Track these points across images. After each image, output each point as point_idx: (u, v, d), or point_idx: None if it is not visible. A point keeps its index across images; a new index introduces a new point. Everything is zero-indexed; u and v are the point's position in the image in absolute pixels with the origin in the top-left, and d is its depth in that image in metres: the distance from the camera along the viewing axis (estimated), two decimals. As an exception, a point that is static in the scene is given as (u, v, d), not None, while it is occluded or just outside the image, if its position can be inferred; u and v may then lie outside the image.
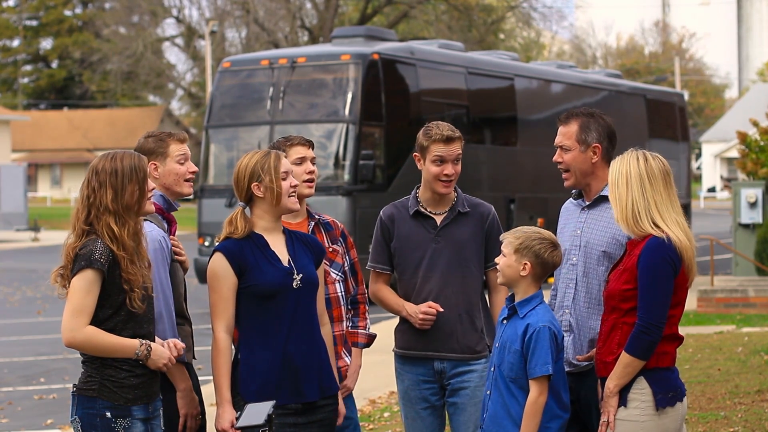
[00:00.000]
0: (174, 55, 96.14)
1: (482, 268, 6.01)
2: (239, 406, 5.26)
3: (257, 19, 49.23)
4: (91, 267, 4.88)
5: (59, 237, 5.17)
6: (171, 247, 5.50)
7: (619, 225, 5.29)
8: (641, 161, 5.24)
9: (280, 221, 5.46)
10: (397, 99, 21.24)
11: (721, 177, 75.57)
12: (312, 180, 5.99)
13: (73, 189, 65.65)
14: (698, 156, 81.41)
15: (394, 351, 6.13)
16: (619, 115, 23.41)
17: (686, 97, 44.65)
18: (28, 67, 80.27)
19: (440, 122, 6.06)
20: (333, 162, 20.19)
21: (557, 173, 5.82)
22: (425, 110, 21.23)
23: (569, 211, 5.84)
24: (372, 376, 11.41)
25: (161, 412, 5.19)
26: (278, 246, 5.38)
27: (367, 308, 6.31)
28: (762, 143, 21.52)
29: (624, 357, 5.12)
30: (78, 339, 4.90)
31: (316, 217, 6.07)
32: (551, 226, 5.79)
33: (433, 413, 6.04)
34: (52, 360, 14.53)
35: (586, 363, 5.54)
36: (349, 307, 6.19)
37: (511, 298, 5.45)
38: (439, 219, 6.00)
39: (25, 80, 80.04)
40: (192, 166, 5.78)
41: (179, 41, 61.11)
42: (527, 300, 5.37)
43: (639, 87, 31.82)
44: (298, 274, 5.33)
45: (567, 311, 5.65)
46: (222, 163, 21.40)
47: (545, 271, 5.40)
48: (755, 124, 22.21)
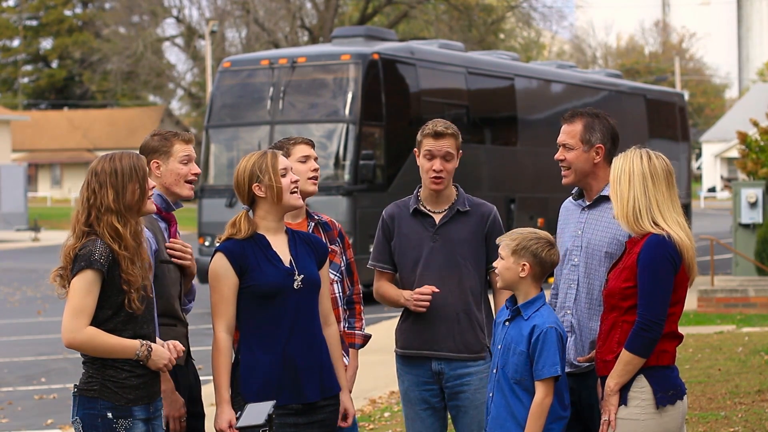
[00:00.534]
0: (174, 55, 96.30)
1: (482, 269, 5.98)
2: (240, 407, 5.26)
3: (257, 19, 49.22)
4: (91, 267, 4.87)
5: (59, 237, 5.15)
6: (156, 249, 5.44)
7: (618, 222, 5.27)
8: (645, 159, 5.23)
9: (283, 221, 5.45)
10: (397, 99, 21.23)
11: (721, 177, 75.55)
12: (316, 177, 6.00)
13: (73, 189, 65.61)
14: (698, 156, 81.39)
15: (395, 351, 6.13)
16: (619, 115, 23.32)
17: (686, 97, 44.62)
18: (28, 67, 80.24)
19: (439, 119, 6.07)
20: (333, 162, 20.18)
21: (557, 173, 5.80)
22: (425, 110, 21.22)
23: (569, 211, 5.82)
24: (372, 376, 11.41)
25: (162, 413, 5.18)
26: (280, 246, 5.38)
27: (363, 308, 6.31)
28: (762, 143, 21.51)
29: (624, 355, 5.10)
30: (78, 340, 4.89)
31: (316, 218, 6.06)
32: (551, 226, 5.78)
33: (434, 414, 6.01)
34: (52, 360, 14.52)
35: (588, 364, 5.53)
36: (345, 308, 6.18)
37: (512, 300, 5.44)
38: (438, 217, 5.98)
39: (25, 80, 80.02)
40: (195, 168, 5.74)
41: (179, 41, 61.11)
42: (531, 302, 5.36)
43: (639, 87, 31.82)
44: (299, 275, 5.33)
45: (569, 312, 5.63)
46: (222, 163, 21.40)
47: (544, 271, 5.39)
48: (755, 124, 22.20)
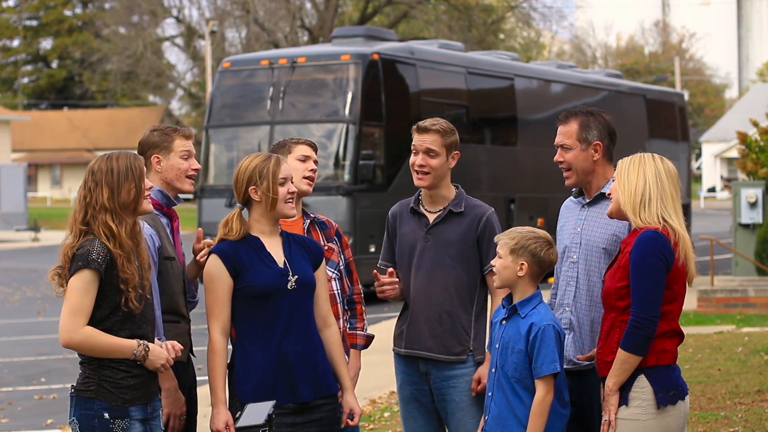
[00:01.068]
0: (174, 55, 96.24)
1: (474, 271, 5.90)
2: (235, 407, 5.26)
3: (257, 19, 49.21)
4: (89, 267, 4.86)
5: (59, 237, 5.14)
6: (160, 246, 5.45)
7: (623, 209, 5.17)
8: (657, 159, 5.23)
9: (278, 224, 5.46)
10: (397, 99, 21.23)
11: (721, 177, 75.56)
12: (312, 178, 6.00)
13: (73, 189, 65.61)
14: (698, 156, 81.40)
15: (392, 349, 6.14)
16: (619, 115, 23.39)
17: (686, 97, 44.63)
18: (28, 67, 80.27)
19: (438, 118, 6.07)
20: (333, 162, 20.18)
21: (557, 173, 5.81)
22: (425, 110, 21.19)
23: (569, 209, 5.83)
24: (372, 376, 11.41)
25: (161, 413, 5.17)
26: (274, 248, 5.38)
27: (364, 308, 6.30)
28: (762, 143, 21.52)
29: (620, 353, 5.10)
30: (75, 339, 4.88)
31: (311, 216, 6.06)
32: (551, 226, 5.78)
33: (426, 414, 5.98)
34: (52, 360, 14.52)
35: (587, 363, 5.52)
36: (346, 308, 6.17)
37: (508, 299, 5.44)
38: (432, 217, 5.97)
39: (25, 80, 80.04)
40: (195, 163, 5.75)
41: (179, 41, 61.08)
42: (527, 300, 5.36)
43: (639, 87, 31.81)
44: (293, 276, 5.33)
45: (568, 309, 5.63)
46: (222, 163, 21.39)
47: (542, 270, 5.39)
48: (755, 124, 22.20)
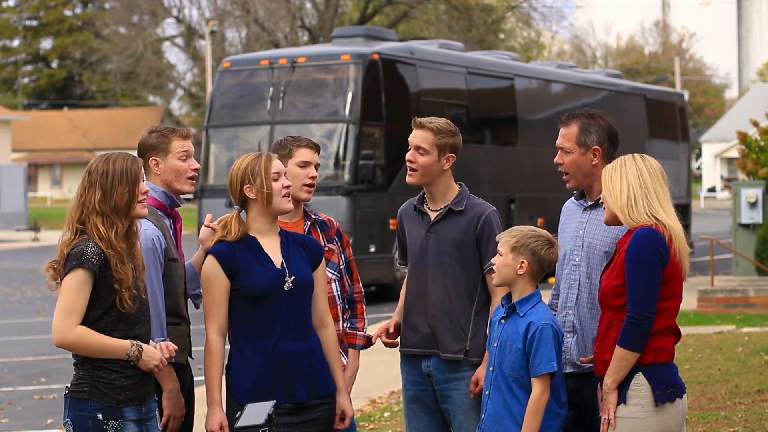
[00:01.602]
0: (174, 55, 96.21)
1: (473, 270, 5.87)
2: (232, 408, 5.26)
3: (257, 19, 49.21)
4: (82, 267, 4.85)
5: (59, 237, 5.14)
6: (166, 247, 5.44)
7: (610, 219, 5.24)
8: (637, 159, 5.26)
9: (276, 223, 5.44)
10: (397, 99, 21.23)
11: (721, 177, 75.57)
12: (312, 185, 5.92)
13: (73, 189, 65.44)
14: (698, 156, 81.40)
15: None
16: (619, 115, 23.40)
17: (686, 97, 44.62)
18: (28, 67, 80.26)
19: (440, 117, 6.04)
20: (333, 162, 20.18)
21: (557, 173, 5.80)
22: (425, 110, 21.18)
23: (570, 211, 5.82)
24: (372, 376, 11.41)
25: (157, 413, 5.15)
26: (272, 248, 5.37)
27: (365, 308, 6.28)
28: (762, 143, 21.50)
29: (617, 351, 5.10)
30: (68, 339, 4.87)
31: (312, 216, 6.04)
32: (551, 226, 5.77)
33: (430, 414, 5.97)
34: (52, 360, 14.51)
35: (590, 365, 5.50)
36: (347, 307, 6.15)
37: (507, 298, 5.43)
38: (433, 215, 5.95)
39: (25, 80, 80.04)
40: (194, 164, 5.71)
41: (179, 41, 61.07)
42: (526, 298, 5.36)
43: (639, 87, 31.81)
44: (291, 276, 5.32)
45: (570, 312, 5.61)
46: (222, 163, 21.39)
47: (542, 269, 5.39)
48: (755, 124, 22.19)
